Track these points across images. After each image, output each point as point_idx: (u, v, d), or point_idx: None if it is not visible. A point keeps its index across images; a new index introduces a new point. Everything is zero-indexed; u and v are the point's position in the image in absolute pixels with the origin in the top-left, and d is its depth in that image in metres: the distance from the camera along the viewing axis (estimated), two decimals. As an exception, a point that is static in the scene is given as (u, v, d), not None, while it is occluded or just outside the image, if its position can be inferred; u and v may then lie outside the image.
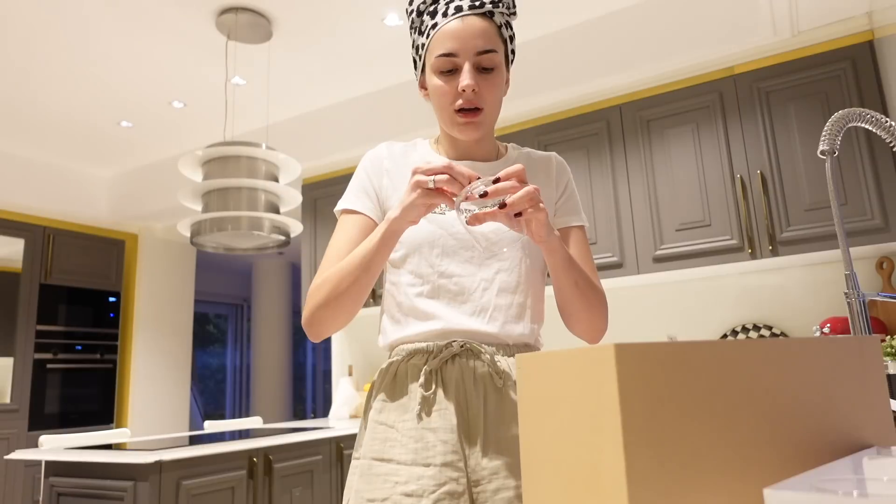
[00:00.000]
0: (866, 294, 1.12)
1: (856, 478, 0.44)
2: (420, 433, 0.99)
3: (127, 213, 4.82)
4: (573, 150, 3.08)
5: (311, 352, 9.55)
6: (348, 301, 1.01)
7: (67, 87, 3.58)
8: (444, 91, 1.04)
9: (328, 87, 3.71)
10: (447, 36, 1.02)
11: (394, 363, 1.06)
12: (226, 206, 2.77)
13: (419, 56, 1.09)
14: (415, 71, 1.14)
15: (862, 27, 2.58)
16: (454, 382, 1.01)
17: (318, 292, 1.02)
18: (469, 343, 1.02)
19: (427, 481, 0.95)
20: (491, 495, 0.97)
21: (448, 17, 1.02)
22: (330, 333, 1.04)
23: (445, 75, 1.04)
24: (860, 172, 2.48)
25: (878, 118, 1.16)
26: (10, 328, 4.22)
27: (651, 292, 3.15)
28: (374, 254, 0.98)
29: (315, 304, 1.02)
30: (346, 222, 1.10)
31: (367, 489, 0.98)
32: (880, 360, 0.64)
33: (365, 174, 1.13)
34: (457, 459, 0.97)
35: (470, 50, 1.02)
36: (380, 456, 1.00)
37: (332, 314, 1.01)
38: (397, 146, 1.16)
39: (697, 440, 0.44)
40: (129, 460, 2.08)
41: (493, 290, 1.05)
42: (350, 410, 3.69)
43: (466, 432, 0.99)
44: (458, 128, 1.06)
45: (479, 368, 1.02)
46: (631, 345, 0.43)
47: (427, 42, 1.05)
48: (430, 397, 1.00)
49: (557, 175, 1.17)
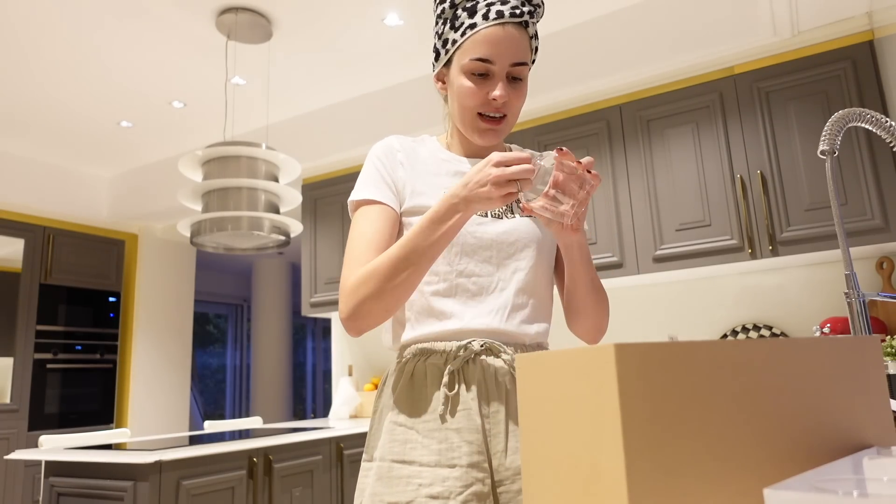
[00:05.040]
0: (866, 294, 1.12)
1: (856, 478, 0.44)
2: (444, 434, 0.97)
3: (127, 213, 4.82)
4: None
5: (311, 352, 9.54)
6: (403, 291, 0.96)
7: (67, 88, 3.58)
8: (472, 93, 1.03)
9: (328, 87, 3.71)
10: (486, 41, 1.01)
11: (409, 363, 1.04)
12: (226, 206, 2.77)
13: (445, 50, 1.07)
14: (433, 62, 1.11)
15: (862, 27, 2.58)
16: (476, 382, 1.00)
17: (366, 284, 0.96)
18: (489, 342, 1.02)
19: (453, 482, 0.93)
20: (514, 495, 0.96)
21: (488, 21, 1.01)
22: (374, 327, 1.00)
23: (476, 78, 1.03)
24: (860, 172, 2.48)
25: (878, 118, 1.16)
26: (10, 328, 4.22)
27: (651, 292, 3.15)
28: (437, 243, 0.94)
29: (364, 296, 0.96)
30: (370, 212, 1.06)
31: (388, 492, 0.96)
32: (880, 360, 0.64)
33: (381, 164, 1.09)
34: (482, 460, 0.96)
35: (506, 60, 1.02)
36: (400, 458, 0.98)
37: (384, 306, 0.97)
38: (407, 140, 1.14)
39: (697, 440, 0.44)
40: (129, 460, 2.08)
41: (510, 289, 1.05)
42: (350, 410, 3.69)
43: (489, 432, 0.98)
44: (478, 132, 1.06)
45: (500, 368, 1.01)
46: (631, 345, 0.43)
47: (461, 40, 1.03)
48: (454, 398, 0.99)
49: None
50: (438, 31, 1.08)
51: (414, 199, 1.07)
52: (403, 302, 0.99)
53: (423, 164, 1.11)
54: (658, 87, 2.97)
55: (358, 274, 0.98)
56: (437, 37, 1.09)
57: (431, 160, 1.12)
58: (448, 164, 1.12)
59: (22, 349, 4.25)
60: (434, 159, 1.12)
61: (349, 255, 1.03)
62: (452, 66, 1.06)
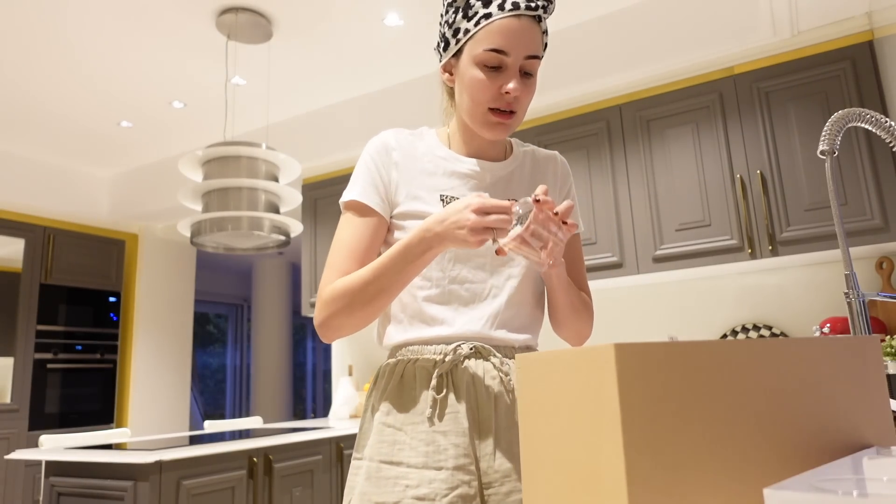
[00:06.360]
0: (866, 294, 1.12)
1: (856, 478, 0.44)
2: (431, 436, 0.97)
3: (127, 213, 4.82)
4: (573, 150, 3.08)
5: (311, 352, 9.54)
6: (372, 311, 1.00)
7: (68, 87, 3.58)
8: (484, 86, 1.00)
9: (328, 87, 3.71)
10: (502, 32, 0.98)
11: (399, 364, 1.05)
12: (226, 206, 2.77)
13: (456, 39, 1.03)
14: (440, 50, 1.08)
15: (862, 27, 2.58)
16: (465, 385, 1.00)
17: (338, 300, 1.00)
18: (478, 345, 1.02)
19: (439, 485, 0.94)
20: (503, 498, 0.96)
21: (504, 11, 0.98)
22: (346, 336, 1.05)
23: (489, 70, 1.00)
24: (860, 172, 2.48)
25: (878, 118, 1.16)
26: (10, 328, 4.22)
27: (651, 292, 3.15)
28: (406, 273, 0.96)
29: (334, 311, 1.00)
30: (356, 218, 1.06)
31: (376, 492, 0.97)
32: (880, 360, 0.64)
33: (374, 165, 1.07)
34: (468, 463, 0.96)
35: (521, 52, 0.99)
36: (388, 459, 0.98)
37: (354, 322, 1.01)
38: (404, 134, 1.11)
39: (697, 440, 0.44)
40: (129, 460, 2.08)
41: (502, 296, 1.05)
42: (350, 410, 3.69)
43: (477, 435, 0.99)
44: (488, 126, 1.03)
45: (489, 371, 1.01)
46: (631, 345, 0.43)
47: (474, 30, 1.00)
48: (442, 401, 0.99)
49: (562, 179, 1.18)
50: (448, 20, 1.04)
51: (409, 204, 1.06)
52: (374, 319, 1.03)
53: (420, 163, 1.08)
54: (658, 87, 2.97)
55: (334, 287, 1.01)
56: (446, 25, 1.05)
57: (429, 158, 1.09)
58: (446, 162, 1.09)
59: (22, 349, 4.25)
60: (431, 157, 1.09)
61: (330, 261, 1.05)
62: (463, 56, 1.03)
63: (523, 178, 1.13)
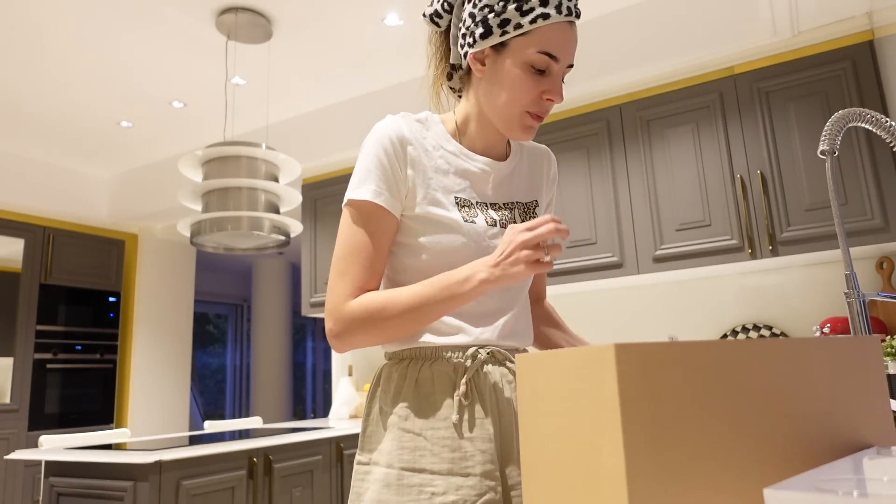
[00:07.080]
0: (866, 294, 1.12)
1: (856, 478, 0.44)
2: (457, 443, 0.96)
3: (127, 213, 4.82)
4: (573, 150, 3.08)
5: (311, 352, 9.55)
6: (401, 336, 0.98)
7: (68, 88, 3.58)
8: (528, 88, 0.97)
9: (328, 87, 3.71)
10: (558, 36, 0.95)
11: (411, 367, 1.01)
12: (226, 206, 2.77)
13: (503, 31, 0.96)
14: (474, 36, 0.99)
15: (862, 27, 2.58)
16: (487, 390, 1.00)
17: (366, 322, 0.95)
18: (494, 349, 1.02)
19: (468, 491, 0.93)
20: None
21: (561, 14, 0.95)
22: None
23: (535, 72, 0.97)
24: (860, 172, 2.48)
25: (878, 118, 1.16)
26: (10, 328, 4.22)
27: (651, 292, 3.15)
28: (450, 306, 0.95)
29: (358, 330, 0.96)
30: (368, 221, 0.99)
31: (398, 500, 0.94)
32: (880, 360, 0.64)
33: (388, 160, 0.99)
34: (494, 469, 0.96)
35: (567, 59, 0.98)
36: (410, 466, 0.95)
37: (374, 341, 0.98)
38: (414, 124, 1.04)
39: (697, 440, 0.44)
40: (129, 460, 2.08)
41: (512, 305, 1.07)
42: (350, 410, 3.69)
43: (500, 440, 0.99)
44: (520, 128, 1.01)
45: (506, 376, 1.02)
46: (631, 345, 0.43)
47: (529, 27, 0.94)
48: (470, 407, 0.98)
49: (553, 181, 1.21)
50: (494, 7, 0.96)
51: (427, 207, 1.00)
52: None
53: (432, 160, 1.03)
54: (658, 87, 2.97)
55: (360, 306, 0.96)
56: (488, 11, 0.97)
57: (440, 153, 1.04)
58: (457, 159, 1.05)
59: (22, 349, 4.25)
60: (442, 152, 1.04)
61: (340, 268, 0.99)
62: (509, 51, 0.97)
63: (522, 175, 1.14)
